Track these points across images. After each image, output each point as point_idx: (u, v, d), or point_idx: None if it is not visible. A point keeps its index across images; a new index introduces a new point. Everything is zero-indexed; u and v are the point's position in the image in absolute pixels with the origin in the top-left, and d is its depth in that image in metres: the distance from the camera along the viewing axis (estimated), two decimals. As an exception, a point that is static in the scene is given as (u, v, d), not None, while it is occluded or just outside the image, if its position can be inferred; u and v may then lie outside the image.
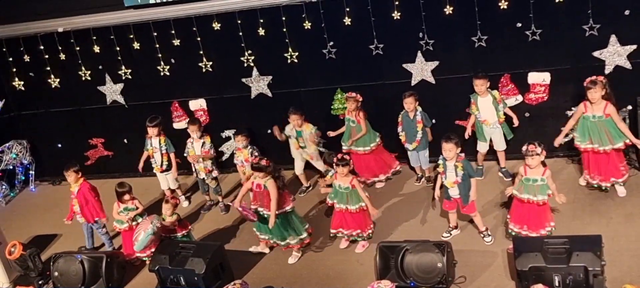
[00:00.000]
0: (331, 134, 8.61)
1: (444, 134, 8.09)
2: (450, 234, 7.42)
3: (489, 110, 7.83)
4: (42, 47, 9.42)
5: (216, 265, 7.15)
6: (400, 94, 8.27)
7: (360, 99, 8.23)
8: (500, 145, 8.04)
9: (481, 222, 7.25)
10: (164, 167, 8.71)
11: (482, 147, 8.11)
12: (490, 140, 8.05)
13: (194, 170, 8.67)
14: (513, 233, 6.93)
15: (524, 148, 6.71)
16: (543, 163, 6.72)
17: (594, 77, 7.22)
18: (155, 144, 8.66)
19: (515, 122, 7.85)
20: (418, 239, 7.02)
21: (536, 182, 6.70)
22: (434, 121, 8.27)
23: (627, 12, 7.41)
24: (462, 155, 7.05)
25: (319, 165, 8.49)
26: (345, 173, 7.21)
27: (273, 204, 7.18)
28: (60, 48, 9.37)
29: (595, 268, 5.98)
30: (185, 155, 8.63)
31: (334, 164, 7.29)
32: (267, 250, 7.76)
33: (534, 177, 6.70)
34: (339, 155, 7.32)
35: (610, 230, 6.85)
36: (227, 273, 7.28)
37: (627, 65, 7.64)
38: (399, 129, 8.20)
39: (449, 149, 6.97)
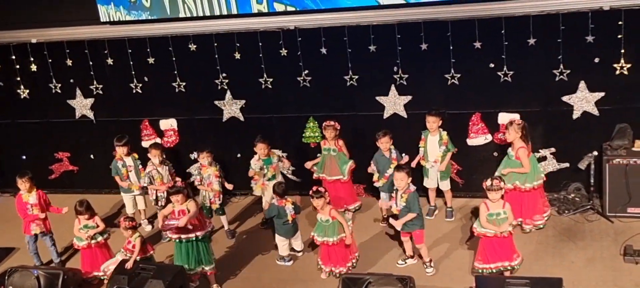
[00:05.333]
0: (308, 164, 8.48)
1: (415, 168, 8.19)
2: (405, 263, 7.45)
3: (433, 148, 7.93)
4: (13, 57, 9.29)
5: (176, 288, 7.01)
6: (373, 125, 8.31)
7: (339, 127, 8.23)
8: (443, 185, 8.14)
9: (426, 253, 7.35)
10: (144, 183, 8.43)
11: (427, 183, 8.17)
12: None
13: (155, 198, 8.37)
14: (480, 272, 6.97)
15: (489, 182, 6.76)
16: (501, 197, 6.82)
17: (511, 119, 7.60)
18: (129, 163, 8.48)
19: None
20: (381, 272, 6.98)
21: (500, 216, 6.78)
22: (404, 155, 8.29)
23: (596, 60, 7.56)
24: (412, 188, 7.13)
25: (269, 196, 8.18)
26: (322, 206, 7.18)
27: (189, 217, 7.06)
28: (32, 59, 9.26)
29: (554, 311, 6.00)
30: (145, 185, 8.37)
31: (310, 197, 7.20)
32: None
33: (497, 211, 6.79)
34: (314, 188, 7.27)
35: (571, 273, 6.89)
36: (187, 297, 7.15)
37: (595, 111, 7.77)
38: (372, 169, 8.06)
39: (401, 178, 7.07)
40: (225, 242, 8.35)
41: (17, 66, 9.34)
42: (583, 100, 7.77)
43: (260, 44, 8.44)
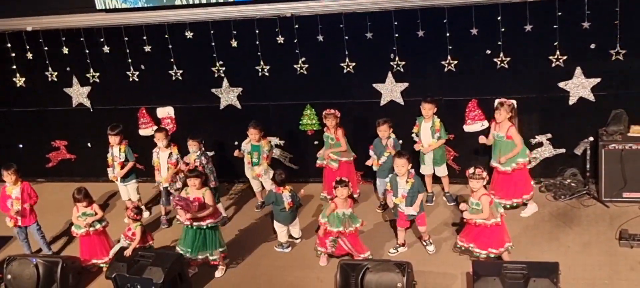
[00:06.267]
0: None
1: (410, 155, 8.20)
2: (397, 251, 7.49)
3: (426, 135, 7.96)
4: (9, 45, 9.25)
5: (175, 276, 7.03)
6: (369, 112, 8.33)
7: (339, 115, 8.22)
8: (439, 171, 8.17)
9: (426, 232, 7.44)
10: (118, 175, 8.44)
11: (423, 170, 8.19)
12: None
13: (157, 179, 8.44)
14: (461, 249, 7.08)
15: (471, 170, 6.79)
16: (485, 187, 6.86)
17: (502, 99, 7.59)
18: (115, 153, 8.46)
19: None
20: (379, 258, 7.02)
21: (475, 206, 6.85)
22: (400, 142, 8.32)
23: (592, 46, 7.59)
24: (413, 172, 7.18)
25: (268, 183, 8.21)
26: (345, 196, 7.10)
27: (208, 212, 7.11)
28: (28, 47, 9.22)
29: (551, 295, 6.05)
30: (153, 164, 8.42)
31: (333, 188, 7.15)
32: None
33: (475, 201, 6.86)
34: (338, 178, 7.20)
35: (567, 258, 6.95)
36: (186, 284, 7.18)
37: (591, 97, 7.81)
38: (371, 152, 8.11)
39: (402, 165, 7.09)
40: (222, 229, 8.36)
41: (13, 54, 9.30)
42: (579, 86, 7.81)
43: (257, 31, 8.42)
